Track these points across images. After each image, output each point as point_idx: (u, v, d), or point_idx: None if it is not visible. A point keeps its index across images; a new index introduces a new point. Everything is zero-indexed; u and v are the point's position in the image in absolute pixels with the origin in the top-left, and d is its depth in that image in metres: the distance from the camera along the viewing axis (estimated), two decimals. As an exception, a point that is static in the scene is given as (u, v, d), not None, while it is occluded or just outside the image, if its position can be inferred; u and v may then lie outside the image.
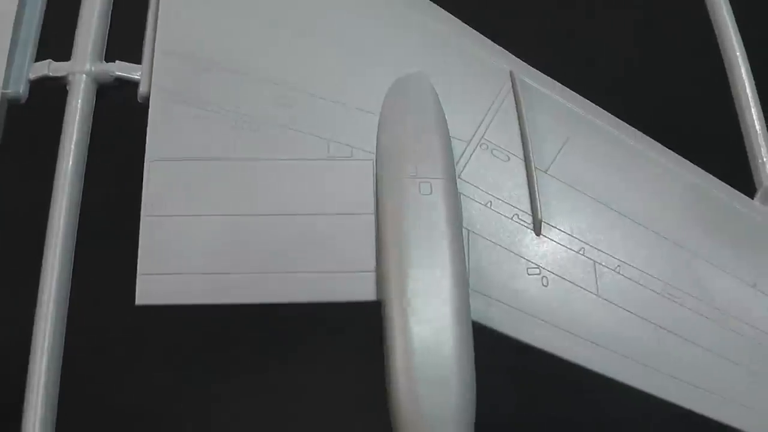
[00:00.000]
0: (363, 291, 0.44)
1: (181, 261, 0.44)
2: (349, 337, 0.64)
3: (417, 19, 0.53)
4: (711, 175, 0.53)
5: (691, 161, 0.53)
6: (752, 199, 0.53)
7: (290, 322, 0.66)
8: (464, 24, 0.54)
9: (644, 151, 0.52)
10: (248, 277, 0.45)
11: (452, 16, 0.54)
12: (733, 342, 0.47)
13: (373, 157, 0.47)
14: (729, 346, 0.47)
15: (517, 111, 0.51)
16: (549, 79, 0.54)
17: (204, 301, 0.44)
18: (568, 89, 0.54)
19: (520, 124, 0.50)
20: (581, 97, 0.53)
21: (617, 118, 0.54)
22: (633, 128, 0.53)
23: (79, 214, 0.48)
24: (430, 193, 0.45)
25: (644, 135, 0.53)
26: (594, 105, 0.53)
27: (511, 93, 0.51)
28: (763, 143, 0.55)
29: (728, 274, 0.49)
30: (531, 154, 0.49)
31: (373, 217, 0.45)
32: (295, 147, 0.47)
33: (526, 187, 0.49)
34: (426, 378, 0.40)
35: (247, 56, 0.50)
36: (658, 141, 0.54)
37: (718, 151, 0.56)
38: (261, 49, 0.50)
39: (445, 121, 0.49)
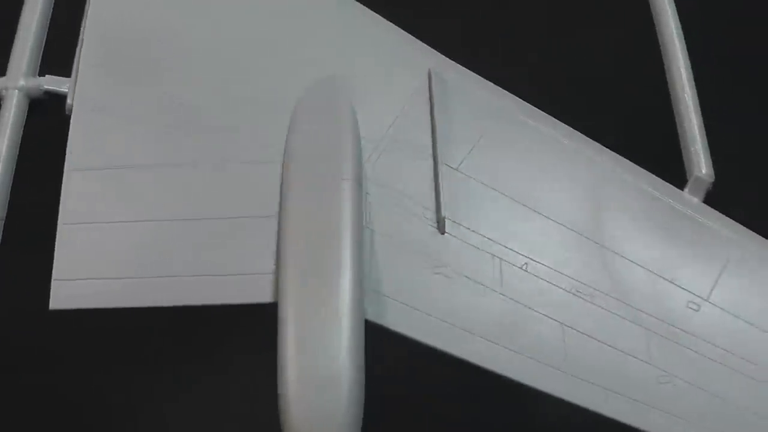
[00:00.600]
0: (261, 293, 0.44)
1: (94, 266, 0.46)
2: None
3: (334, 16, 0.54)
4: (637, 166, 0.50)
5: (621, 152, 0.51)
6: (682, 190, 0.51)
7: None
8: (383, 19, 0.54)
9: (565, 144, 0.51)
10: (155, 281, 0.45)
11: (371, 11, 0.54)
12: (644, 340, 0.45)
13: (281, 159, 0.48)
14: (640, 344, 0.45)
15: (430, 108, 0.50)
16: (471, 74, 0.53)
17: (114, 305, 0.45)
18: (491, 84, 0.52)
19: (431, 121, 0.50)
20: (504, 92, 0.52)
21: (543, 112, 0.52)
22: (558, 121, 0.51)
23: (7, 222, 0.51)
24: (334, 194, 0.45)
25: (570, 128, 0.51)
26: (518, 99, 0.52)
27: (428, 90, 0.51)
28: (697, 132, 0.52)
29: (646, 270, 0.47)
30: (437, 152, 0.48)
31: (276, 220, 0.46)
32: (205, 151, 0.48)
33: (434, 185, 0.48)
34: (314, 376, 0.40)
35: (165, 66, 0.51)
36: (588, 133, 0.52)
37: (650, 139, 0.54)
38: (179, 59, 0.52)
39: (356, 121, 0.49)
